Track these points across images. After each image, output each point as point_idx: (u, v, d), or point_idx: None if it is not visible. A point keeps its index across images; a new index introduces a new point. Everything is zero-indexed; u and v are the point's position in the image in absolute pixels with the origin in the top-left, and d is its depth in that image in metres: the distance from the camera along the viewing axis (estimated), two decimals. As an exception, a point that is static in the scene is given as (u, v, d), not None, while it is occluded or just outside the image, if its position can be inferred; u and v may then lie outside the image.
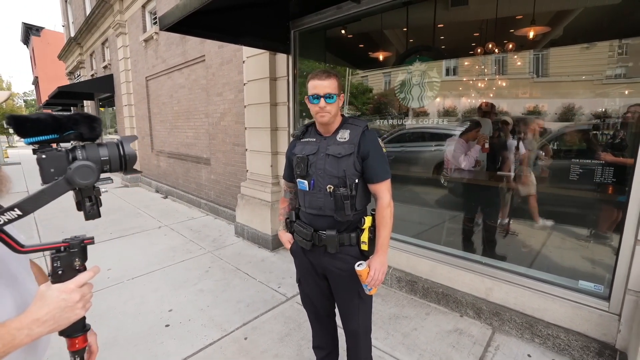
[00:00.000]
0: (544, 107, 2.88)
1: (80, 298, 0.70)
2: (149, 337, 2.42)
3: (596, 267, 2.35)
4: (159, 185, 7.80)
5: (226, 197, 5.38)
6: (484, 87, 3.27)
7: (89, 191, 0.69)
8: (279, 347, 2.29)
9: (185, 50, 5.96)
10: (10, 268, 0.76)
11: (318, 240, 1.55)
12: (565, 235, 2.77)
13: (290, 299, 2.91)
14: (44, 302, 0.67)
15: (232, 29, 3.24)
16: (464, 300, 2.63)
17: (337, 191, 1.44)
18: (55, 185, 0.64)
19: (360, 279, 1.48)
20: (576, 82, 2.68)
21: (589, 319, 2.10)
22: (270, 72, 3.93)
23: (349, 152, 1.46)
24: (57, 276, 0.70)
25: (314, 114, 1.49)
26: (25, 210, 0.61)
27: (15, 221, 0.60)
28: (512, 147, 2.99)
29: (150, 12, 7.36)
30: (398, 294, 3.01)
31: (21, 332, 0.63)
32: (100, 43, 10.51)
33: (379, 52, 3.90)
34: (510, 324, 2.39)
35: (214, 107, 5.41)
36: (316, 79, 1.45)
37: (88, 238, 0.74)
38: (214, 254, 3.98)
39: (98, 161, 0.69)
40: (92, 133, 0.71)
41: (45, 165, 0.65)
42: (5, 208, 0.60)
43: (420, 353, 2.22)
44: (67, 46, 14.08)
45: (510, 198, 3.08)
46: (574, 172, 2.40)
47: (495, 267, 2.61)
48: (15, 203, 0.61)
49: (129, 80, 8.60)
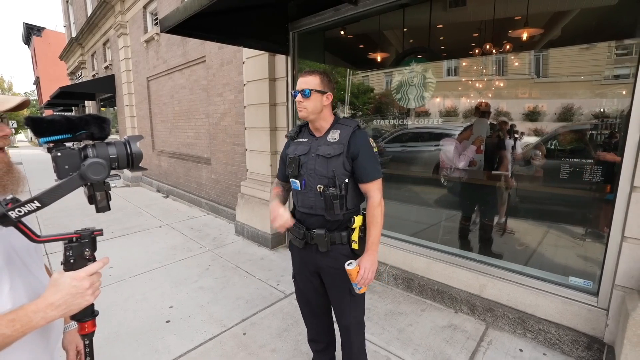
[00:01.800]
0: (544, 107, 2.92)
1: (90, 285, 0.76)
2: (150, 332, 2.48)
3: (587, 264, 2.41)
4: (160, 184, 7.86)
5: (226, 197, 5.44)
6: (483, 87, 3.32)
7: (100, 186, 0.75)
8: (277, 342, 2.35)
9: (186, 51, 6.02)
10: (23, 259, 0.81)
11: (310, 238, 1.60)
12: (561, 233, 2.83)
13: (288, 296, 2.96)
14: (58, 288, 0.72)
15: (231, 30, 3.30)
16: (458, 297, 2.69)
17: (327, 191, 1.48)
18: (70, 180, 0.70)
19: (350, 278, 1.51)
20: (575, 83, 2.72)
21: (579, 314, 2.16)
22: (270, 72, 3.99)
23: (338, 152, 1.49)
24: (69, 264, 0.76)
25: None
26: (43, 202, 0.67)
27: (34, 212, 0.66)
28: (509, 147, 3.05)
29: (151, 13, 7.43)
30: (394, 291, 3.07)
31: (37, 314, 0.69)
32: (101, 43, 10.57)
33: (377, 52, 3.95)
34: (503, 320, 2.45)
35: (214, 107, 5.47)
36: (300, 76, 1.55)
37: (97, 230, 0.80)
38: (214, 252, 4.04)
39: (107, 158, 0.75)
40: (102, 133, 0.77)
41: (61, 162, 0.71)
42: (24, 200, 0.66)
43: (414, 348, 2.28)
44: (68, 46, 14.15)
45: (508, 197, 3.14)
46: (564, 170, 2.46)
47: (490, 265, 2.67)
48: (33, 196, 0.67)
49: (130, 80, 8.66)
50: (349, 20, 3.28)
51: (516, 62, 3.12)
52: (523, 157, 3.00)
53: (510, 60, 3.12)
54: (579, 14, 2.80)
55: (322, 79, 1.52)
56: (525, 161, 3.01)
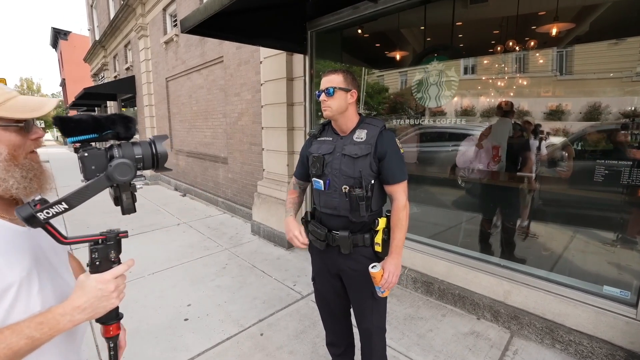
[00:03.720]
0: (568, 106, 2.80)
1: (115, 288, 0.75)
2: (169, 329, 2.50)
3: (621, 272, 2.28)
4: (177, 183, 8.00)
5: (243, 196, 5.47)
6: (504, 85, 3.20)
7: (126, 187, 0.74)
8: (295, 344, 2.33)
9: (204, 52, 6.09)
10: (50, 259, 0.81)
11: (332, 240, 1.56)
12: (590, 238, 2.69)
13: (305, 297, 2.94)
14: (84, 291, 0.72)
15: (249, 30, 3.30)
16: (481, 303, 2.59)
17: (353, 192, 1.44)
18: (97, 181, 0.69)
19: (373, 281, 1.48)
20: (603, 80, 2.59)
21: (615, 325, 2.04)
22: (287, 72, 3.97)
23: (365, 152, 1.45)
24: (94, 267, 0.75)
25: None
26: (71, 204, 0.66)
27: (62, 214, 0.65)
28: (533, 148, 2.92)
29: (170, 14, 7.56)
30: (413, 294, 2.99)
31: (64, 317, 0.68)
32: (123, 45, 10.87)
33: (395, 51, 3.88)
34: (530, 329, 2.34)
35: (231, 107, 5.51)
36: (323, 76, 1.52)
37: (122, 232, 0.78)
38: (231, 251, 4.06)
39: (133, 159, 0.74)
40: (128, 132, 0.75)
41: (87, 163, 0.70)
42: (52, 202, 0.65)
43: (435, 355, 2.21)
44: (92, 49, 14.64)
45: (531, 200, 3.01)
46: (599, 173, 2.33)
47: (514, 270, 2.56)
48: (61, 197, 0.66)
49: (149, 81, 8.86)
50: (368, 18, 3.22)
51: (539, 59, 2.99)
52: (548, 158, 2.88)
53: (532, 57, 3.00)
54: (610, 6, 2.65)
55: (346, 77, 1.48)
56: (549, 162, 2.89)
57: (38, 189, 0.75)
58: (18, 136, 0.71)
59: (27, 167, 0.72)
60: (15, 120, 0.70)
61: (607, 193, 2.36)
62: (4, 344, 0.62)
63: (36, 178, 0.74)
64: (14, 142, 0.70)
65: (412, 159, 3.84)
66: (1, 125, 0.68)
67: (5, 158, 0.69)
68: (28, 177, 0.72)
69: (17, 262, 0.70)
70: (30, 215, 0.64)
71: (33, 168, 0.74)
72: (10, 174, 0.69)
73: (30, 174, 0.72)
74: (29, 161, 0.73)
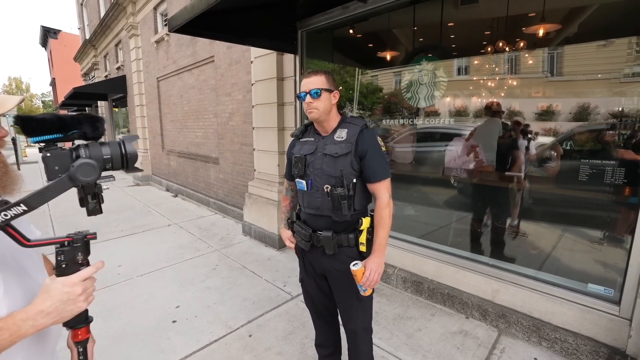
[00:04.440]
0: (558, 107, 2.82)
1: (82, 291, 0.73)
2: (156, 332, 2.47)
3: (607, 270, 2.30)
4: (169, 184, 7.93)
5: (234, 196, 5.44)
6: (495, 86, 3.23)
7: (91, 188, 0.72)
8: (283, 345, 2.31)
9: (195, 51, 6.04)
10: (20, 262, 0.79)
11: (316, 240, 1.56)
12: (577, 237, 2.72)
13: (295, 298, 2.92)
14: (48, 295, 0.69)
15: (239, 30, 3.28)
16: (469, 302, 2.60)
17: (334, 191, 1.44)
18: (59, 182, 0.67)
19: (355, 279, 1.47)
20: (592, 81, 2.62)
21: (599, 323, 2.06)
22: (278, 72, 3.95)
23: (345, 151, 1.45)
24: (61, 269, 0.73)
25: (306, 112, 1.51)
26: (30, 206, 0.64)
27: (21, 216, 0.63)
28: (522, 148, 2.95)
29: (161, 13, 7.49)
30: (403, 294, 2.99)
31: (26, 322, 0.66)
32: (113, 45, 10.75)
33: (386, 51, 3.89)
34: (517, 327, 2.35)
35: (222, 107, 5.47)
36: (304, 78, 1.51)
37: (91, 234, 0.76)
38: (222, 252, 4.03)
39: (100, 159, 0.72)
40: (95, 132, 0.74)
41: (50, 163, 0.68)
42: (11, 204, 0.63)
43: (423, 354, 2.21)
44: (82, 48, 14.45)
45: (521, 199, 3.04)
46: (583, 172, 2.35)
47: (502, 269, 2.58)
48: (20, 199, 0.64)
49: (140, 81, 8.77)
50: (358, 18, 3.22)
51: (530, 60, 3.02)
52: (537, 158, 2.90)
53: (523, 58, 3.02)
54: (598, 8, 2.68)
55: (328, 77, 1.50)
56: (539, 162, 2.92)
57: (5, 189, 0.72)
58: None
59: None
60: None
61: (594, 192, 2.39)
62: None
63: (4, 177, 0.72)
64: None
65: (406, 159, 3.85)
66: None
67: None
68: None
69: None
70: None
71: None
72: None
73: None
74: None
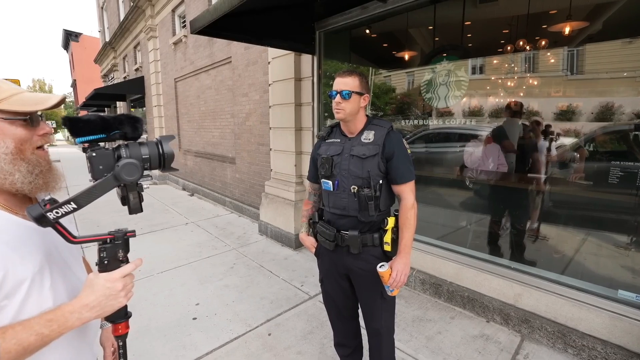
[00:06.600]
0: (578, 106, 2.74)
1: (122, 287, 0.75)
2: (178, 328, 2.52)
3: (635, 277, 2.21)
4: (185, 183, 8.08)
5: (250, 196, 5.49)
6: (513, 85, 3.15)
7: (133, 187, 0.74)
8: (302, 344, 2.32)
9: (212, 52, 6.13)
10: (64, 257, 0.82)
11: (341, 240, 1.57)
12: (601, 241, 2.62)
13: (313, 298, 2.93)
14: (92, 290, 0.72)
15: (258, 30, 3.31)
16: (490, 306, 2.55)
17: (361, 192, 1.46)
18: (105, 181, 0.69)
19: (382, 280, 1.49)
20: (616, 80, 2.53)
21: (630, 331, 1.98)
22: (295, 72, 3.97)
23: (373, 152, 1.46)
24: (103, 266, 0.75)
25: (333, 110, 1.52)
26: (79, 204, 0.66)
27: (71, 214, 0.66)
28: (543, 149, 2.87)
29: (179, 16, 7.64)
30: (422, 296, 2.96)
31: (73, 315, 0.69)
32: (132, 47, 11.02)
33: (404, 51, 3.85)
34: (541, 332, 2.29)
35: (239, 107, 5.53)
36: (339, 76, 1.51)
37: (130, 231, 0.79)
38: (239, 250, 4.08)
39: (140, 159, 0.74)
40: (135, 133, 0.76)
41: (95, 163, 0.70)
42: (61, 202, 0.65)
43: (444, 357, 2.18)
44: (102, 50, 14.89)
45: (541, 201, 2.95)
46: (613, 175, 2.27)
47: (525, 273, 2.51)
48: (70, 197, 0.66)
49: (158, 82, 8.96)
50: (377, 18, 3.20)
51: (550, 58, 2.93)
52: (559, 159, 2.81)
53: (542, 57, 2.93)
54: (625, 4, 2.58)
55: (361, 81, 1.49)
56: (560, 164, 2.83)
57: (43, 186, 0.75)
58: (24, 130, 0.72)
59: (33, 163, 0.73)
60: (20, 114, 0.70)
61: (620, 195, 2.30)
62: (15, 340, 0.63)
63: (42, 175, 0.74)
64: (19, 135, 0.71)
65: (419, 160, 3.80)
66: (7, 119, 0.69)
67: (12, 151, 0.69)
68: (34, 172, 0.73)
69: (29, 258, 0.71)
70: (40, 215, 0.64)
71: (40, 164, 0.74)
72: (17, 167, 0.70)
73: (36, 170, 0.73)
74: (36, 157, 0.74)
